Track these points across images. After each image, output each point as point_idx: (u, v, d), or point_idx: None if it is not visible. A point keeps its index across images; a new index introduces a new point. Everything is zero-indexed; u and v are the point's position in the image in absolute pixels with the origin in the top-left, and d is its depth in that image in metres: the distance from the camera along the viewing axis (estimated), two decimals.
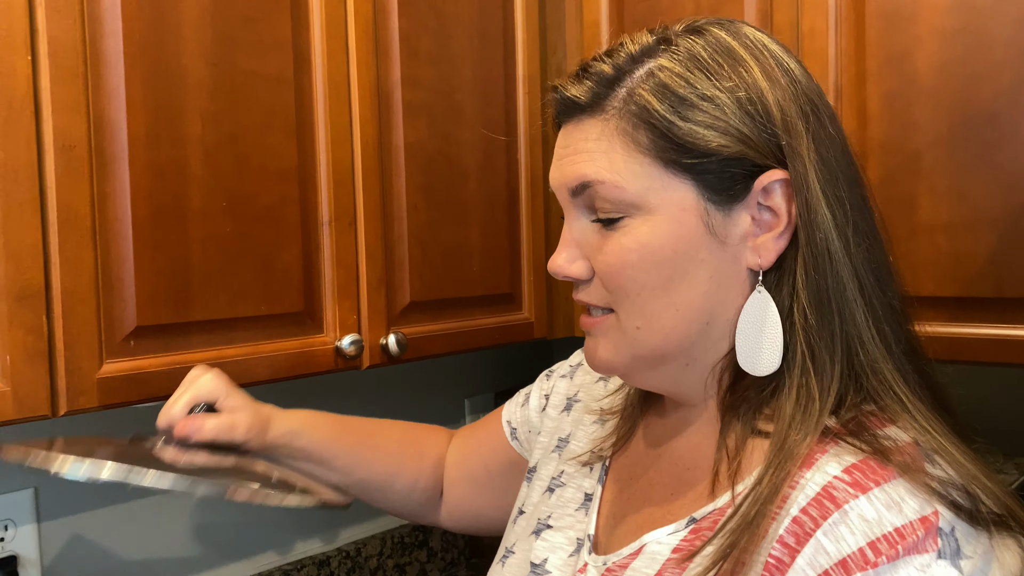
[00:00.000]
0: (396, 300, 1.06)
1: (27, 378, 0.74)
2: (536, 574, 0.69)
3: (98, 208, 0.79)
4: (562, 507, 0.72)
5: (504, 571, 0.73)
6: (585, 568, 0.63)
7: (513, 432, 0.87)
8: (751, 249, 0.58)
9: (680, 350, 0.60)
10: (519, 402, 0.89)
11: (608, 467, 0.71)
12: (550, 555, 0.69)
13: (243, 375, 0.90)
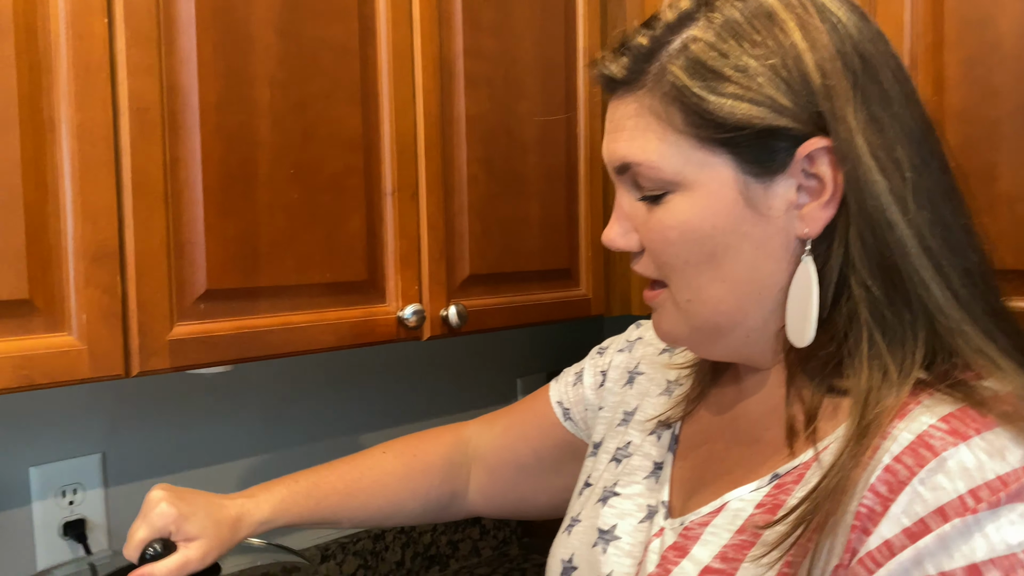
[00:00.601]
0: (456, 272, 1.06)
1: (102, 337, 0.75)
2: (605, 540, 0.68)
3: (170, 172, 0.80)
4: (629, 475, 0.71)
5: (571, 539, 0.73)
6: (661, 532, 0.62)
7: (566, 413, 0.86)
8: (798, 218, 0.56)
9: (734, 322, 0.59)
10: (569, 382, 0.88)
11: (678, 435, 0.70)
12: (619, 521, 0.68)
13: (309, 342, 0.91)
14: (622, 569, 0.65)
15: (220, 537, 0.76)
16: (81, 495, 1.04)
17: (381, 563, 1.33)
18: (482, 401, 1.52)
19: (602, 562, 0.67)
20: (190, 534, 0.75)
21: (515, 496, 0.91)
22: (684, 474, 0.67)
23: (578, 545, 0.71)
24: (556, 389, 0.88)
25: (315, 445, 1.28)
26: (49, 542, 1.01)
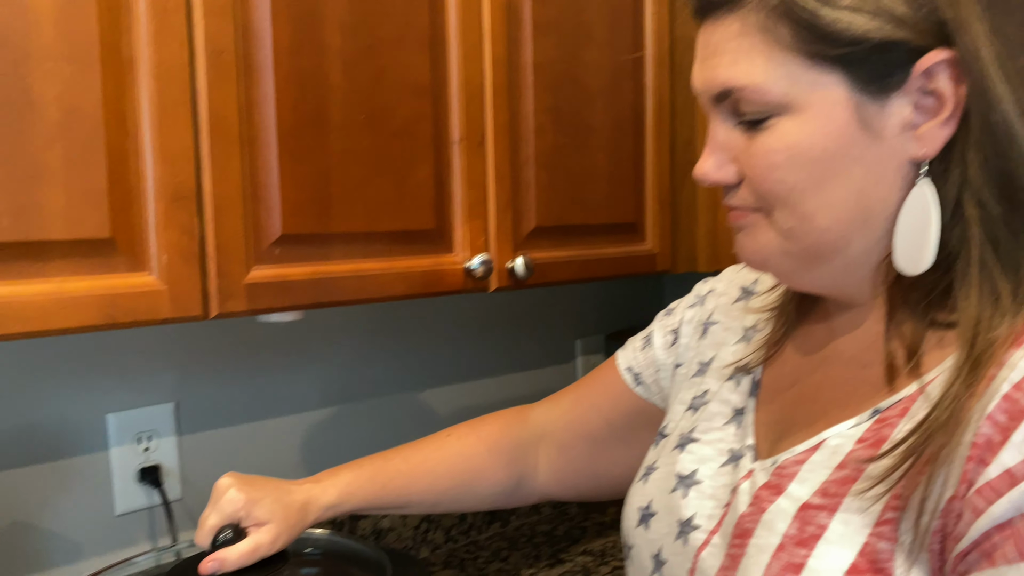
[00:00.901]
0: (522, 224, 1.05)
1: (182, 278, 0.76)
2: (685, 485, 0.67)
3: (245, 115, 0.80)
4: (707, 422, 0.69)
5: (648, 487, 0.71)
6: (750, 474, 0.61)
7: (637, 378, 0.84)
8: (913, 139, 0.54)
9: (836, 250, 0.57)
10: (638, 347, 0.86)
11: (759, 381, 0.68)
12: (699, 466, 0.67)
13: (379, 289, 0.91)
14: (705, 511, 0.64)
15: (289, 521, 0.77)
16: (156, 442, 1.06)
17: (444, 517, 1.34)
18: (542, 362, 1.52)
19: (682, 506, 0.66)
20: (260, 519, 0.76)
21: (589, 472, 0.89)
22: (770, 418, 0.65)
23: (656, 492, 0.70)
24: (624, 356, 0.87)
25: (381, 400, 1.29)
26: (126, 487, 1.04)
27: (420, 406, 1.34)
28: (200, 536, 0.77)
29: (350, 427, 1.25)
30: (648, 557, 0.67)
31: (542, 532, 1.41)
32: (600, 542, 1.36)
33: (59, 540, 0.99)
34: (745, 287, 0.77)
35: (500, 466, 0.88)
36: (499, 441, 0.89)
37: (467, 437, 0.89)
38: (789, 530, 0.54)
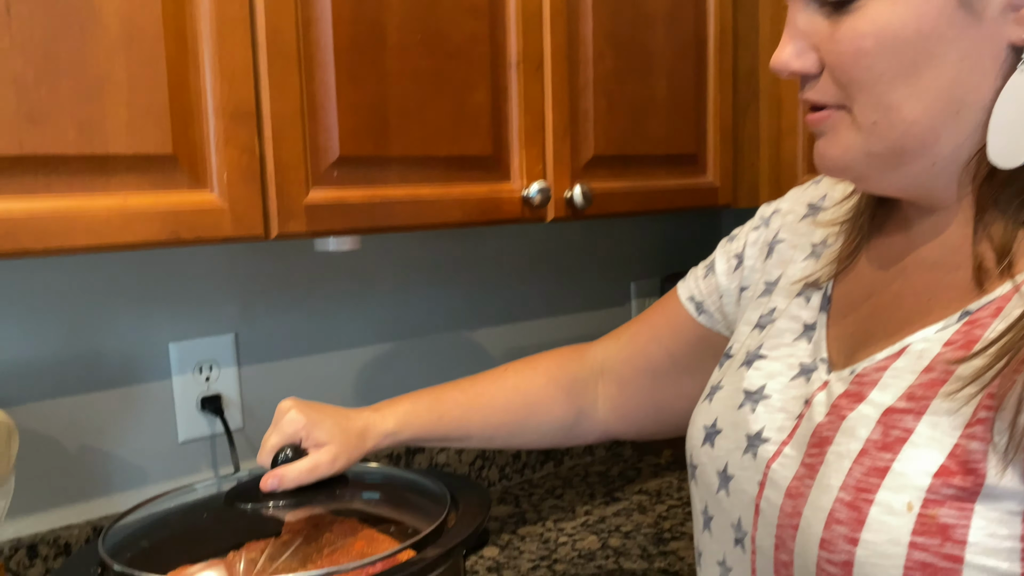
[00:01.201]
0: (580, 152, 1.03)
1: (242, 196, 0.76)
2: (753, 400, 0.65)
3: (302, 33, 0.79)
4: (775, 338, 0.67)
5: (713, 405, 0.70)
6: (825, 385, 0.59)
7: (699, 307, 0.82)
8: (1015, 21, 0.50)
9: (923, 145, 0.53)
10: (700, 275, 0.83)
11: (830, 295, 0.66)
12: (767, 381, 0.65)
13: (436, 215, 0.90)
14: (775, 424, 0.62)
15: (348, 444, 0.78)
16: (216, 372, 1.07)
17: (499, 454, 1.34)
18: (596, 303, 1.50)
19: (750, 420, 0.64)
20: (319, 440, 0.77)
21: (650, 406, 0.88)
22: (843, 332, 0.63)
23: (721, 409, 0.68)
24: (685, 286, 0.84)
25: (436, 337, 1.28)
26: (188, 415, 1.05)
27: (474, 345, 1.34)
28: (261, 455, 0.78)
29: (406, 363, 1.25)
30: (713, 474, 0.66)
31: (596, 472, 1.41)
32: (655, 482, 1.35)
33: (125, 465, 1.02)
34: (812, 203, 0.74)
35: (558, 401, 0.87)
36: (557, 376, 0.88)
37: (524, 371, 0.89)
38: (872, 435, 0.52)
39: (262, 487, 0.77)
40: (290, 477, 0.77)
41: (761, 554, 0.60)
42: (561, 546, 1.12)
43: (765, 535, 0.59)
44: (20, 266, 0.93)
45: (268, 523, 0.75)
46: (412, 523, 0.79)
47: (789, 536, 0.57)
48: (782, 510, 0.58)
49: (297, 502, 0.77)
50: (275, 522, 0.76)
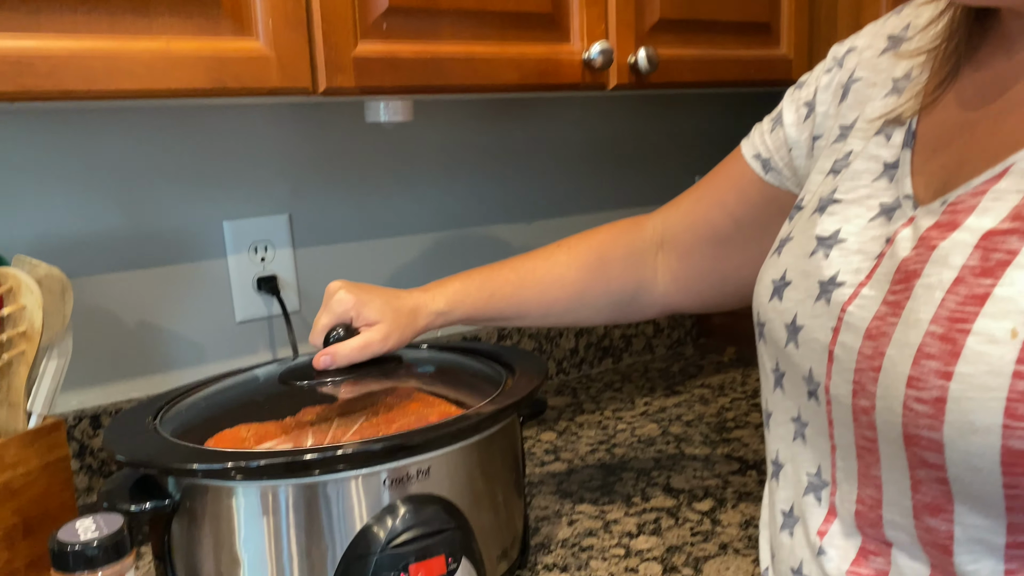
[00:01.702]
0: (645, 14, 0.96)
1: (288, 44, 0.72)
2: (826, 246, 0.59)
3: None
4: (851, 180, 0.61)
5: (781, 258, 0.65)
6: (911, 221, 0.53)
7: (766, 164, 0.76)
8: None
9: None
10: (765, 130, 0.77)
11: (915, 131, 0.60)
12: (843, 225, 0.59)
13: (491, 76, 0.85)
14: (850, 266, 0.57)
15: (399, 323, 0.77)
16: (271, 252, 1.06)
17: (556, 348, 1.32)
18: (658, 198, 1.44)
19: (823, 266, 0.59)
20: (370, 319, 0.77)
21: (714, 275, 0.83)
22: (930, 167, 0.57)
23: (791, 260, 0.63)
24: (749, 144, 0.78)
25: (490, 228, 1.25)
26: (245, 295, 1.05)
27: (529, 237, 1.30)
28: (313, 335, 0.77)
29: (458, 252, 1.23)
30: (781, 328, 0.62)
31: (656, 369, 1.37)
32: (718, 377, 1.31)
33: (184, 343, 1.02)
34: (893, 35, 0.67)
35: (614, 275, 0.83)
36: (613, 249, 0.84)
37: (578, 246, 0.85)
38: (968, 261, 0.47)
39: (315, 365, 0.76)
40: (342, 354, 0.76)
41: (837, 403, 0.56)
42: (620, 432, 1.10)
43: (841, 383, 0.55)
44: (76, 136, 0.92)
45: (322, 397, 0.74)
46: (468, 391, 0.77)
47: (869, 380, 0.52)
48: (860, 353, 0.53)
49: (351, 379, 0.76)
50: (329, 396, 0.75)
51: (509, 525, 0.74)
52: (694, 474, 0.95)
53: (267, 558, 0.62)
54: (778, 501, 0.61)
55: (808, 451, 0.61)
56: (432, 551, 0.63)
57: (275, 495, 0.62)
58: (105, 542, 0.59)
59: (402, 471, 0.64)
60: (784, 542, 0.60)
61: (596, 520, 0.85)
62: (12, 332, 0.70)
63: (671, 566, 0.76)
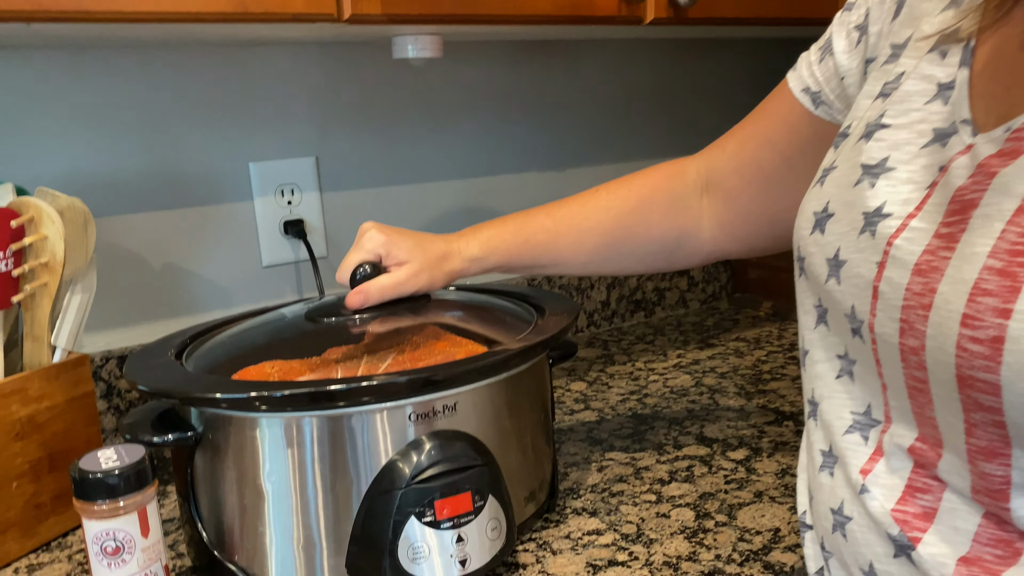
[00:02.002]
0: None
1: None
2: (872, 174, 0.56)
3: None
4: (901, 103, 0.57)
5: (824, 189, 0.61)
6: (969, 149, 0.49)
7: (816, 98, 0.71)
8: None
9: None
10: (813, 60, 0.72)
11: (973, 48, 0.55)
12: (891, 152, 0.55)
13: (524, 6, 0.82)
14: (898, 197, 0.53)
15: (428, 263, 0.75)
16: (298, 196, 1.04)
17: (587, 300, 1.29)
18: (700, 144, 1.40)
19: (868, 197, 0.55)
20: (400, 259, 0.75)
21: (763, 218, 0.78)
22: (992, 88, 0.52)
23: (834, 191, 0.59)
24: (796, 77, 0.74)
25: (523, 176, 1.22)
26: (272, 238, 1.03)
27: (561, 185, 1.27)
28: (340, 271, 0.76)
29: (490, 200, 1.20)
30: (822, 263, 0.58)
31: (690, 323, 1.34)
32: (754, 331, 1.27)
33: (210, 286, 1.01)
34: None
35: (655, 221, 0.80)
36: (654, 194, 0.81)
37: (618, 191, 0.81)
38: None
39: (348, 304, 0.74)
40: (374, 292, 0.74)
41: (883, 342, 0.53)
42: (652, 383, 1.07)
43: (886, 321, 0.52)
44: (101, 73, 0.91)
45: (349, 336, 0.73)
46: (497, 331, 0.75)
47: (918, 318, 0.49)
48: (908, 290, 0.50)
49: (379, 318, 0.74)
50: (357, 335, 0.73)
51: (537, 467, 0.72)
52: (728, 424, 0.93)
53: (291, 492, 0.61)
54: (816, 442, 0.59)
55: (857, 389, 0.58)
56: (458, 487, 0.61)
57: (299, 427, 0.60)
58: (127, 471, 0.58)
59: (428, 406, 0.62)
60: (823, 483, 0.58)
61: (627, 467, 0.83)
62: (34, 263, 0.69)
63: (704, 512, 0.74)
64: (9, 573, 0.69)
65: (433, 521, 0.60)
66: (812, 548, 0.60)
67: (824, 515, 0.57)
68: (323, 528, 0.61)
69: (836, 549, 0.56)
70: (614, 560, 0.67)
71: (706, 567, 0.65)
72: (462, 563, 0.61)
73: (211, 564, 0.65)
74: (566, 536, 0.71)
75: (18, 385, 0.69)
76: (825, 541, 0.57)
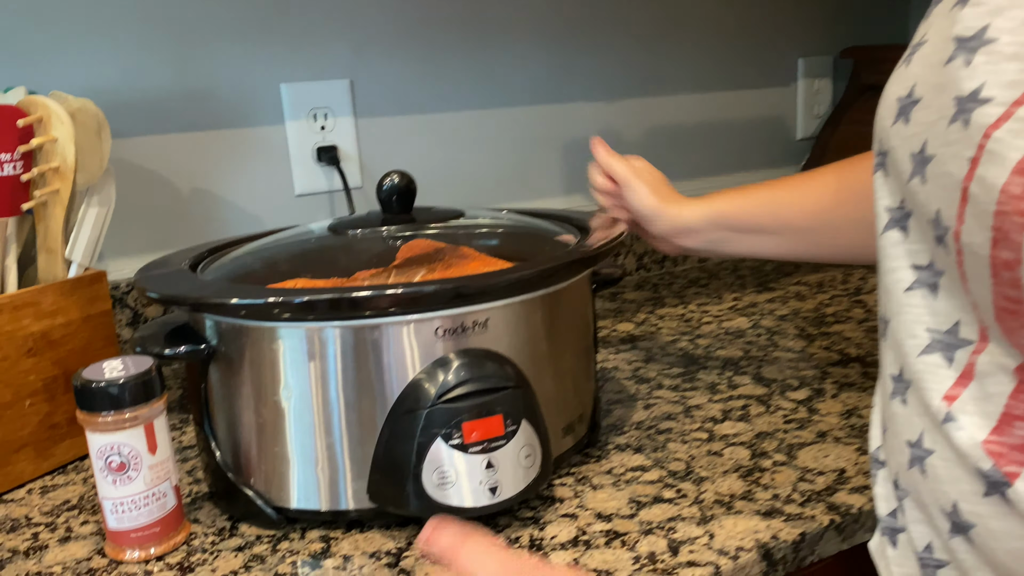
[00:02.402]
0: None
1: None
2: (968, 49, 0.47)
3: None
4: None
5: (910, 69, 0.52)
6: None
7: None
8: None
9: None
10: None
11: None
12: (992, 20, 0.46)
13: None
14: (1001, 77, 0.44)
15: (654, 186, 0.75)
16: (332, 121, 0.99)
17: (636, 241, 1.22)
18: (757, 82, 1.31)
19: (962, 77, 0.46)
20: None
21: None
22: None
23: (921, 71, 0.51)
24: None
25: (569, 105, 1.15)
26: (304, 165, 0.99)
27: (611, 117, 1.19)
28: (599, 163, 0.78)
29: (534, 131, 1.13)
30: (906, 158, 0.50)
31: (747, 267, 1.26)
32: (816, 276, 1.19)
33: (241, 213, 0.97)
34: None
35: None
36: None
37: (839, 172, 0.74)
38: None
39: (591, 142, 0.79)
40: (609, 159, 0.77)
41: (971, 254, 0.45)
42: (705, 324, 1.00)
43: (976, 229, 0.44)
44: None
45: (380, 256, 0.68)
46: (537, 254, 0.69)
47: (1014, 227, 0.41)
48: (1005, 192, 0.42)
49: (412, 235, 0.69)
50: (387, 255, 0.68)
51: (577, 398, 0.66)
52: (788, 365, 0.86)
53: (312, 409, 0.56)
54: (887, 365, 0.51)
55: (941, 303, 0.50)
56: (488, 409, 0.56)
57: (321, 339, 0.55)
58: (132, 381, 0.54)
59: (457, 321, 0.56)
60: (896, 412, 0.50)
61: (676, 405, 0.77)
62: (44, 167, 0.65)
63: (761, 451, 0.67)
64: (22, 494, 0.66)
65: (461, 444, 0.55)
66: (884, 487, 0.53)
67: (899, 449, 0.50)
68: (347, 450, 0.57)
69: (913, 487, 0.49)
70: (660, 497, 0.61)
71: (763, 506, 0.59)
72: (492, 491, 0.55)
73: (227, 489, 0.61)
74: (607, 472, 0.65)
75: (31, 298, 0.66)
76: (900, 478, 0.50)
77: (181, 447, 0.73)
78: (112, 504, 0.55)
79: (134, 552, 0.56)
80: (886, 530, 0.52)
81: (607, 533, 0.56)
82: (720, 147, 1.30)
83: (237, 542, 0.58)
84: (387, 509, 0.57)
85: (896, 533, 0.51)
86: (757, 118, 1.32)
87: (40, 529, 0.60)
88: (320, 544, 0.57)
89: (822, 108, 1.38)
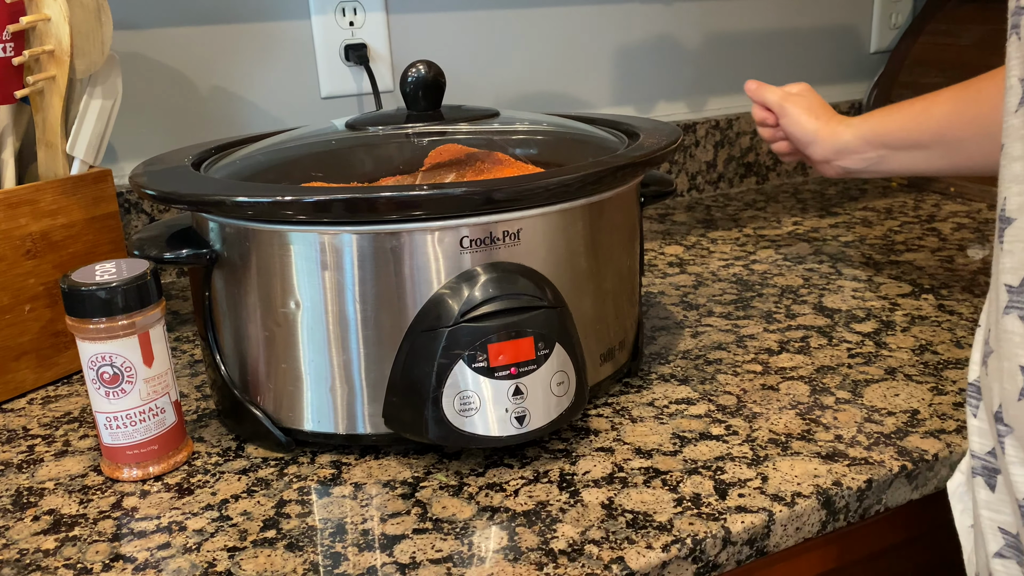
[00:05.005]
0: None
1: None
2: None
3: None
4: None
5: None
6: None
7: None
8: None
9: None
10: None
11: None
12: None
13: None
14: None
15: (811, 109, 0.75)
16: (361, 16, 0.91)
17: (689, 160, 1.13)
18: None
19: None
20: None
21: None
22: None
23: None
24: None
25: (621, 5, 1.05)
26: (331, 65, 0.91)
27: (669, 19, 1.09)
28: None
29: (582, 33, 1.04)
30: None
31: (810, 191, 1.17)
32: (884, 202, 1.09)
33: (262, 114, 0.90)
34: None
35: None
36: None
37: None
38: None
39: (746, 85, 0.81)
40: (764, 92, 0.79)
41: None
42: (762, 249, 0.92)
43: None
44: None
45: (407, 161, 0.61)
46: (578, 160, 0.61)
47: None
48: None
49: (437, 133, 0.62)
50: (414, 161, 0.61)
51: (618, 323, 0.59)
52: (853, 294, 0.78)
53: (325, 323, 0.51)
54: (1003, 271, 0.43)
55: None
56: (518, 330, 0.49)
57: (335, 246, 0.49)
58: (124, 285, 0.49)
59: (485, 230, 0.50)
60: (1010, 329, 0.42)
61: (727, 334, 0.70)
62: (37, 49, 0.59)
63: (821, 387, 0.60)
64: (23, 403, 0.62)
65: (486, 368, 0.49)
66: (983, 423, 0.46)
67: (1009, 375, 0.42)
68: (363, 368, 0.51)
69: (1021, 423, 0.42)
70: (707, 433, 0.54)
71: (823, 448, 0.52)
72: (519, 419, 0.50)
73: (233, 407, 0.56)
74: (649, 403, 0.59)
75: (28, 195, 0.61)
76: (1005, 411, 0.42)
77: (193, 360, 0.69)
78: (106, 419, 0.50)
79: (132, 470, 0.51)
80: (980, 470, 0.45)
81: (646, 471, 0.50)
82: (785, 59, 1.19)
83: (242, 464, 0.53)
84: (403, 435, 0.51)
85: (994, 475, 0.44)
86: (827, 27, 1.20)
87: (37, 442, 0.57)
88: (330, 470, 0.52)
89: (901, 17, 1.26)
